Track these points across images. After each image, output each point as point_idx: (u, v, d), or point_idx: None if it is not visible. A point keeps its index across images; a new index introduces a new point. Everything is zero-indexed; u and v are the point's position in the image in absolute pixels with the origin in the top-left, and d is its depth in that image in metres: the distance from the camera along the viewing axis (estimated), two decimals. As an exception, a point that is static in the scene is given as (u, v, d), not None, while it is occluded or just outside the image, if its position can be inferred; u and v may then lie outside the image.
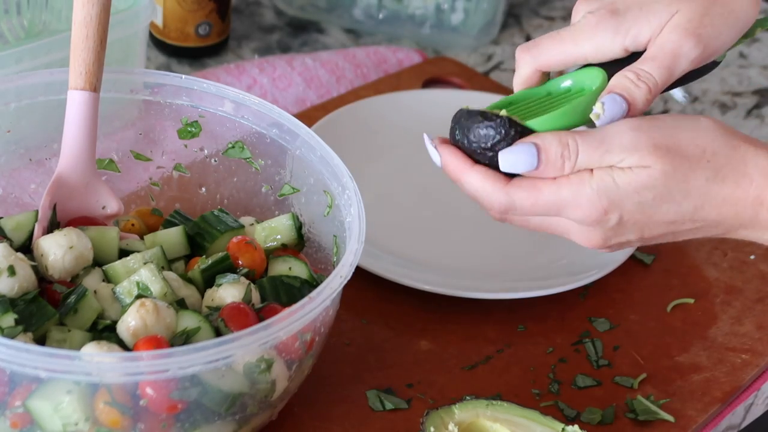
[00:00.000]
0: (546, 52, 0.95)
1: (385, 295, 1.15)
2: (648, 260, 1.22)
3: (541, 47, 0.95)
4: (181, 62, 1.49)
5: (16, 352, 0.84)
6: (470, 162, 0.92)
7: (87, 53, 1.01)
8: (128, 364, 0.85)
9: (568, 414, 1.05)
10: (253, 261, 1.03)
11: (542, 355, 1.11)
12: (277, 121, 1.08)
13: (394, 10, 1.59)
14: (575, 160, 0.90)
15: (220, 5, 1.47)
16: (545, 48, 0.95)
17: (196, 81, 1.09)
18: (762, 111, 1.52)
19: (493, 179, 0.91)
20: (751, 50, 1.64)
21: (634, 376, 1.09)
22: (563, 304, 1.16)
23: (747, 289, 1.20)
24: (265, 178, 1.11)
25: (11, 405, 0.88)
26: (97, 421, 0.87)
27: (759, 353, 1.13)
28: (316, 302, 0.90)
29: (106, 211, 1.06)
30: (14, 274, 0.94)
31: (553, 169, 0.90)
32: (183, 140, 1.11)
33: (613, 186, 0.89)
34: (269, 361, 0.91)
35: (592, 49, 0.94)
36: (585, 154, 0.89)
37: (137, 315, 0.92)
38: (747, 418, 1.13)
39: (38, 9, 1.27)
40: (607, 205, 0.90)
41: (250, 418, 0.94)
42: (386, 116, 1.34)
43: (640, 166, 0.89)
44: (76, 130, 1.02)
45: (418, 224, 1.25)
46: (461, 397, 1.03)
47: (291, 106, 1.40)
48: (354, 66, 1.47)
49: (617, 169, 0.89)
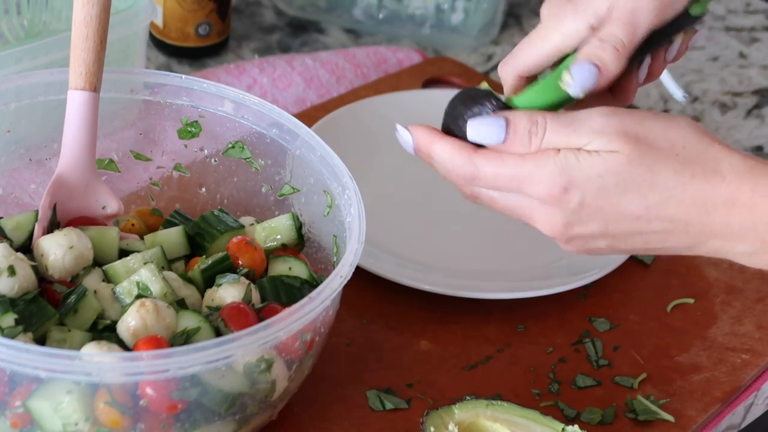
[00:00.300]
0: (521, 58, 0.96)
1: (385, 295, 1.15)
2: (648, 260, 1.22)
3: (516, 55, 0.97)
4: (181, 62, 1.49)
5: (16, 352, 0.84)
6: (440, 133, 0.93)
7: (87, 53, 1.01)
8: (128, 364, 0.85)
9: (568, 414, 1.05)
10: (253, 261, 1.03)
11: (542, 355, 1.11)
12: (277, 121, 1.08)
13: (394, 10, 1.59)
14: (542, 137, 0.89)
15: (220, 5, 1.47)
16: (519, 54, 0.97)
17: (196, 81, 1.09)
18: (762, 111, 1.52)
19: (461, 147, 0.92)
20: (751, 50, 1.64)
21: (634, 376, 1.09)
22: (563, 304, 1.16)
23: (747, 289, 1.20)
24: (265, 178, 1.11)
25: (11, 405, 0.88)
26: (97, 421, 0.87)
27: (759, 353, 1.13)
28: (316, 302, 0.90)
29: (106, 211, 1.06)
30: (14, 274, 0.94)
31: (520, 143, 0.90)
32: (183, 140, 1.11)
33: (576, 165, 0.89)
34: (269, 361, 0.91)
35: (560, 38, 0.95)
36: (553, 132, 0.89)
37: (137, 315, 0.92)
38: (747, 418, 1.13)
39: (38, 9, 1.27)
40: (566, 183, 0.89)
41: (250, 418, 0.94)
42: (386, 116, 1.34)
43: (607, 150, 0.88)
44: (76, 130, 1.02)
45: (418, 224, 1.25)
46: (461, 397, 1.03)
47: (291, 106, 1.40)
48: (354, 66, 1.47)
49: (584, 151, 0.89)
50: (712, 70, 1.60)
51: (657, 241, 0.91)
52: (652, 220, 0.89)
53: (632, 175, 0.88)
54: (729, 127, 1.49)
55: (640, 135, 0.89)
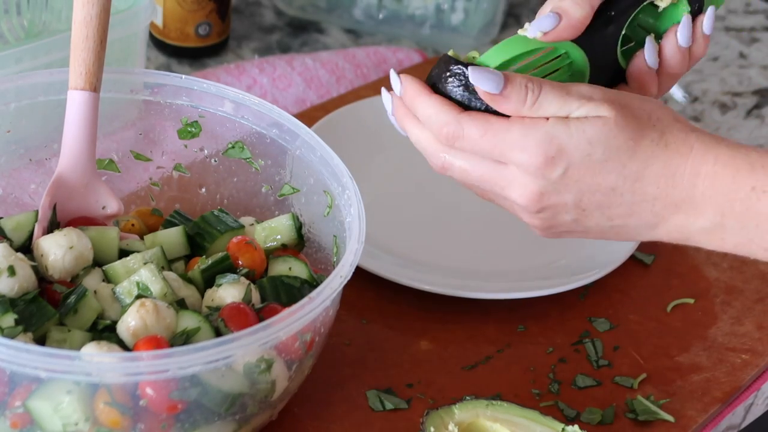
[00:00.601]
0: None
1: (385, 295, 1.15)
2: (648, 260, 1.22)
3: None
4: (181, 62, 1.49)
5: (16, 352, 0.84)
6: (429, 89, 0.93)
7: (87, 53, 1.01)
8: (128, 364, 0.85)
9: (568, 414, 1.05)
10: (253, 261, 1.03)
11: (542, 355, 1.11)
12: (277, 121, 1.08)
13: (394, 10, 1.59)
14: (538, 94, 0.90)
15: (220, 5, 1.47)
16: None
17: (196, 81, 1.09)
18: (762, 111, 1.52)
19: (449, 106, 0.92)
20: (751, 50, 1.64)
21: (634, 376, 1.09)
22: (563, 304, 1.16)
23: (747, 289, 1.20)
24: (265, 178, 1.11)
25: (11, 405, 0.88)
26: (97, 421, 0.87)
27: (759, 353, 1.13)
28: (316, 302, 0.90)
29: (106, 211, 1.06)
30: (14, 274, 0.94)
31: (517, 96, 0.90)
32: (183, 140, 1.11)
33: (566, 133, 0.90)
34: (269, 361, 0.91)
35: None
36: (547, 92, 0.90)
37: (137, 315, 0.92)
38: (747, 418, 1.13)
39: (38, 9, 1.27)
40: (555, 153, 0.89)
41: (250, 418, 0.94)
42: (386, 116, 1.34)
43: (595, 115, 0.90)
44: (76, 130, 1.02)
45: (418, 224, 1.25)
46: (461, 397, 1.03)
47: (291, 106, 1.40)
48: (354, 66, 1.47)
49: (573, 119, 0.90)
50: (712, 70, 1.60)
51: (621, 216, 0.92)
52: (624, 192, 0.91)
53: (617, 141, 0.90)
54: (729, 127, 1.49)
55: (623, 102, 0.91)
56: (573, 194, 0.91)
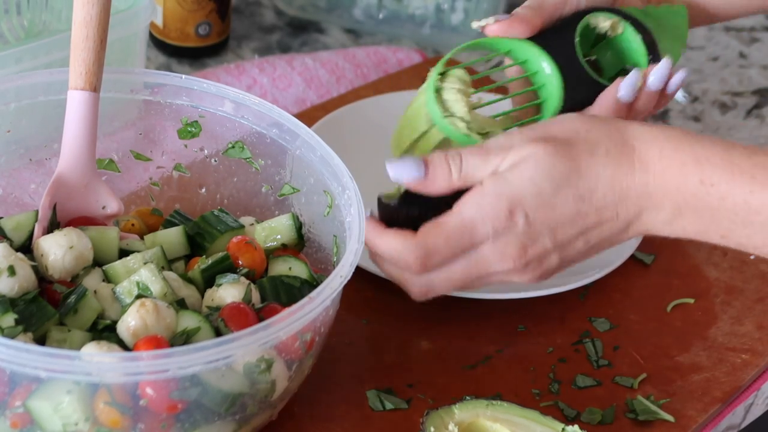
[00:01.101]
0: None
1: (385, 295, 1.15)
2: (648, 260, 1.22)
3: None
4: (181, 62, 1.49)
5: (16, 352, 0.84)
6: (382, 226, 0.97)
7: (87, 53, 1.01)
8: (128, 364, 0.85)
9: (568, 414, 1.05)
10: (253, 261, 1.03)
11: (542, 355, 1.11)
12: (277, 121, 1.08)
13: (394, 10, 1.59)
14: (459, 163, 0.92)
15: (220, 5, 1.47)
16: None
17: (196, 81, 1.09)
18: (762, 111, 1.52)
19: (405, 235, 0.95)
20: (751, 50, 1.64)
21: (634, 376, 1.09)
22: (563, 304, 1.16)
23: (747, 289, 1.20)
24: (265, 178, 1.11)
25: (11, 405, 0.88)
26: (97, 421, 0.87)
27: (759, 353, 1.13)
28: (316, 302, 0.90)
29: (106, 211, 1.06)
30: (14, 274, 0.94)
31: (441, 173, 0.93)
32: (183, 140, 1.11)
33: (506, 184, 0.91)
34: (269, 361, 0.91)
35: None
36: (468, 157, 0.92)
37: (137, 315, 0.92)
38: (747, 418, 1.13)
39: (38, 9, 1.27)
40: (509, 205, 0.91)
41: (250, 418, 0.94)
42: (386, 116, 1.34)
43: (521, 158, 0.91)
44: (76, 130, 1.02)
45: (418, 224, 1.25)
46: (461, 397, 1.03)
47: (291, 106, 1.40)
48: (354, 66, 1.47)
49: (506, 172, 0.92)
50: (712, 70, 1.60)
51: (596, 235, 0.94)
52: (588, 212, 0.92)
53: (557, 169, 0.91)
54: (729, 127, 1.49)
55: (543, 135, 0.93)
56: (547, 236, 0.93)
